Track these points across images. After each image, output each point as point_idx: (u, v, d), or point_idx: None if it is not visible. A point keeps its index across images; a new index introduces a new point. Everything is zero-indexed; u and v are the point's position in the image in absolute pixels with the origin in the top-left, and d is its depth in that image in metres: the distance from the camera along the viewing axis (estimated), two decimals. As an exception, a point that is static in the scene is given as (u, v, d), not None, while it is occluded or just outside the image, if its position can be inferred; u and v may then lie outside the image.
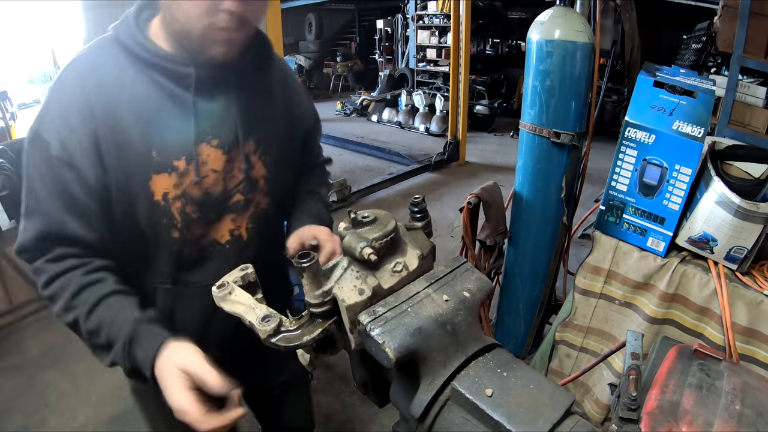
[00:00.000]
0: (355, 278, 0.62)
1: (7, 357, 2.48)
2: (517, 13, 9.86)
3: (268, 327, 0.60)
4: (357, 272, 0.62)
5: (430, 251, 0.71)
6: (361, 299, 0.60)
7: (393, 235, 0.65)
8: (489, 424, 0.53)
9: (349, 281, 0.61)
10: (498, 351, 0.62)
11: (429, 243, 0.73)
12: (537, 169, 1.84)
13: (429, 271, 0.69)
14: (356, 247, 0.62)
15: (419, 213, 0.76)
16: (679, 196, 1.32)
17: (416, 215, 0.76)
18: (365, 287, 0.61)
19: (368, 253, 0.60)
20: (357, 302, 0.60)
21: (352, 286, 0.61)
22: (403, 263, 0.66)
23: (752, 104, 2.50)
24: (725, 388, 0.71)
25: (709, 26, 3.46)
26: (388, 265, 0.65)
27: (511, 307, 2.17)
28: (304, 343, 0.60)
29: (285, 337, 0.61)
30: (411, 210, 0.76)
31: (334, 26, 13.05)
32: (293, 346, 0.60)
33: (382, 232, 0.64)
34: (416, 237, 0.72)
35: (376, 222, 0.67)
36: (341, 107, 9.11)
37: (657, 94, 1.36)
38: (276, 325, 0.61)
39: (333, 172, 5.82)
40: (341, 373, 2.32)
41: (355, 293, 0.60)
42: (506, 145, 6.76)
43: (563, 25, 1.64)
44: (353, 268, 0.63)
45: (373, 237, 0.63)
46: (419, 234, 0.73)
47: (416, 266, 0.66)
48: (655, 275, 1.40)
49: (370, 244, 0.62)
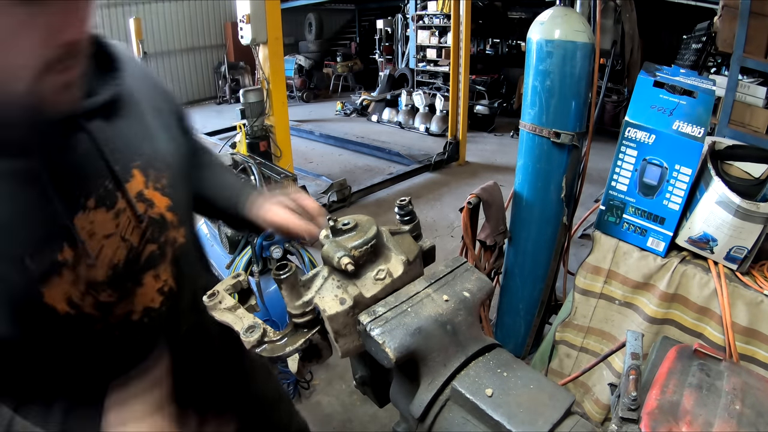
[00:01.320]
0: (336, 287, 0.61)
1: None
2: (517, 13, 9.86)
3: (252, 338, 0.61)
4: (338, 281, 0.62)
5: (417, 256, 0.69)
6: (343, 309, 0.60)
7: (374, 242, 0.64)
8: (489, 424, 0.53)
9: (329, 291, 0.61)
10: (498, 351, 0.62)
11: (416, 247, 0.71)
12: (537, 169, 1.84)
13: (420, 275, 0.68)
14: (334, 256, 0.61)
15: (406, 216, 0.74)
16: (679, 196, 1.32)
17: (403, 218, 0.75)
18: (346, 296, 0.60)
19: (345, 263, 0.60)
20: (338, 312, 0.59)
21: (333, 296, 0.61)
22: (387, 270, 0.64)
23: (752, 104, 2.50)
24: (725, 388, 0.71)
25: (709, 26, 3.46)
26: (370, 272, 0.64)
27: (511, 307, 2.17)
28: (287, 354, 0.60)
29: (268, 348, 0.61)
30: (397, 213, 0.75)
31: (334, 26, 13.05)
32: (276, 356, 0.60)
33: (362, 240, 0.63)
34: (402, 242, 0.70)
35: (357, 229, 0.66)
36: (341, 107, 9.12)
37: (657, 94, 1.36)
38: (260, 335, 0.61)
39: (333, 172, 5.81)
40: (341, 373, 2.32)
41: (336, 303, 0.60)
42: (506, 145, 6.76)
43: (563, 25, 1.64)
44: (334, 278, 0.62)
45: (352, 245, 0.62)
46: (406, 238, 0.72)
47: (401, 272, 0.65)
48: (655, 275, 1.40)
49: (348, 253, 0.61)
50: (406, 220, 0.75)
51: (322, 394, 2.22)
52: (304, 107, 9.84)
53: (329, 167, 5.78)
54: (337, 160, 6.21)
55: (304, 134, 7.38)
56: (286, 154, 4.22)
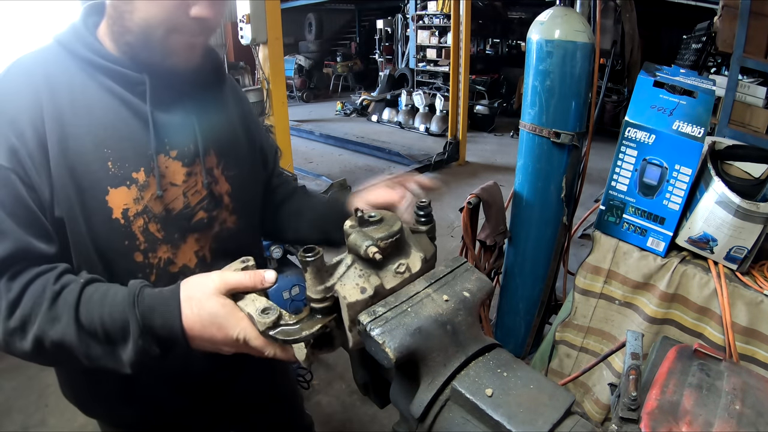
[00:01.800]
0: (358, 276, 0.62)
1: (7, 357, 2.47)
2: (517, 13, 9.87)
3: (267, 319, 0.60)
4: (360, 270, 0.62)
5: (432, 255, 0.71)
6: (363, 297, 0.60)
7: (398, 236, 0.65)
8: (489, 424, 0.53)
9: (351, 279, 0.61)
10: (498, 351, 0.62)
11: (432, 247, 0.72)
12: (537, 169, 1.84)
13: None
14: (361, 245, 0.62)
15: (425, 217, 0.75)
16: (679, 196, 1.32)
17: (421, 219, 0.75)
18: (367, 286, 0.61)
19: (373, 252, 0.60)
20: (358, 300, 0.60)
21: (354, 284, 0.61)
22: (407, 265, 0.65)
23: (752, 104, 2.50)
24: (725, 388, 0.71)
25: (709, 26, 3.46)
26: (392, 265, 0.65)
27: (511, 307, 2.17)
28: (303, 338, 0.60)
29: (283, 331, 0.60)
30: (416, 213, 0.76)
31: (334, 26, 13.05)
32: (291, 339, 0.60)
33: (387, 232, 0.64)
34: (420, 240, 0.72)
35: (383, 222, 0.66)
36: (341, 107, 9.12)
37: (657, 94, 1.36)
38: (275, 318, 0.60)
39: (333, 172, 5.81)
40: (341, 373, 2.32)
41: (357, 291, 0.60)
42: (506, 145, 6.76)
43: (563, 25, 1.64)
44: (357, 266, 0.63)
45: (379, 237, 0.63)
46: (423, 238, 0.73)
47: (419, 269, 0.66)
48: (655, 275, 1.40)
49: (375, 243, 0.62)
50: (424, 221, 0.75)
51: (322, 394, 2.22)
52: (304, 107, 9.84)
53: (329, 167, 5.79)
54: (337, 160, 6.21)
55: (304, 134, 7.38)
56: (286, 153, 4.22)
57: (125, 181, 0.70)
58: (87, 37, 0.71)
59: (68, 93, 0.68)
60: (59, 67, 0.70)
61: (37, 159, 0.65)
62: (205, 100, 0.81)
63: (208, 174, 0.80)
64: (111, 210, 0.70)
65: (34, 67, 0.69)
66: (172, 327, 0.60)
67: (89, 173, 0.68)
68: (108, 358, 0.62)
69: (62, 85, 0.68)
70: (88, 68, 0.70)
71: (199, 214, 0.80)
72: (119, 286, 0.65)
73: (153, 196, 0.73)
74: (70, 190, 0.67)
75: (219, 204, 0.82)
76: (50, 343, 0.61)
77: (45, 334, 0.61)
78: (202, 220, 0.80)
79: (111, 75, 0.70)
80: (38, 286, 0.63)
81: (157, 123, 0.73)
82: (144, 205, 0.72)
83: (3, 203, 0.63)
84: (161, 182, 0.73)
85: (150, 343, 0.61)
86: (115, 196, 0.70)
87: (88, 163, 0.68)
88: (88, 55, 0.70)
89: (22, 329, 0.61)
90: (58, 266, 0.66)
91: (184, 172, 0.77)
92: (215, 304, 0.60)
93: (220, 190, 0.83)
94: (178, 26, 0.67)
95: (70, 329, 0.61)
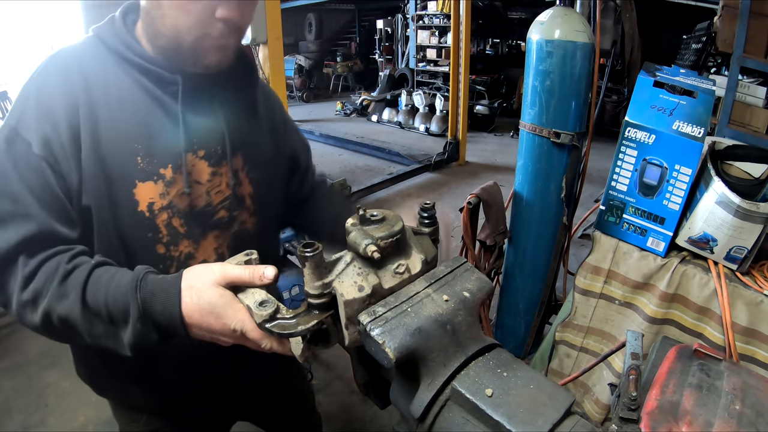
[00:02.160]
0: (356, 274, 0.62)
1: (7, 357, 2.48)
2: (517, 13, 9.87)
3: (264, 312, 0.60)
4: (359, 269, 0.62)
5: (434, 258, 0.71)
6: (360, 296, 0.60)
7: (399, 237, 0.65)
8: (489, 424, 0.53)
9: (350, 276, 0.61)
10: (498, 351, 0.62)
11: (434, 249, 0.72)
12: (537, 169, 1.84)
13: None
14: (361, 243, 0.62)
15: (428, 219, 0.75)
16: (679, 196, 1.32)
17: (425, 220, 0.75)
18: (365, 284, 0.61)
19: (372, 251, 0.60)
20: (355, 298, 0.60)
21: (352, 282, 0.61)
22: (406, 266, 0.65)
23: (752, 104, 2.50)
24: (725, 388, 0.71)
25: (709, 26, 3.46)
26: (391, 265, 0.65)
27: (511, 307, 2.17)
28: (299, 332, 0.60)
29: (280, 324, 0.61)
30: (420, 215, 0.76)
31: (334, 26, 13.06)
32: (287, 333, 0.60)
33: (388, 231, 0.64)
34: (422, 242, 0.71)
35: (384, 221, 0.66)
36: (341, 107, 9.12)
37: (657, 94, 1.36)
38: (272, 311, 0.61)
39: (333, 172, 5.83)
40: (341, 373, 2.32)
41: (355, 289, 0.60)
42: (506, 145, 6.76)
43: (563, 25, 1.64)
44: (356, 264, 0.63)
45: (379, 236, 0.63)
46: (425, 239, 0.73)
47: (419, 270, 0.66)
48: (655, 275, 1.40)
49: (375, 242, 0.62)
50: (427, 223, 0.75)
51: (322, 394, 2.22)
52: (304, 107, 9.84)
53: (329, 167, 5.79)
54: (337, 160, 6.21)
55: (304, 134, 7.37)
56: (286, 154, 4.22)
57: (153, 176, 0.73)
58: (124, 34, 0.73)
59: (103, 87, 0.71)
60: (96, 61, 0.73)
61: (68, 149, 0.68)
62: (236, 102, 0.83)
63: (234, 175, 0.83)
64: (137, 203, 0.73)
65: (71, 60, 0.72)
66: (171, 314, 0.61)
67: (119, 166, 0.71)
68: (109, 338, 0.65)
69: (98, 79, 0.71)
70: (123, 64, 0.73)
71: (220, 213, 0.83)
72: (127, 270, 0.66)
73: (179, 192, 0.76)
74: (99, 181, 0.70)
75: (241, 204, 0.86)
76: (57, 318, 0.64)
77: (53, 309, 0.64)
78: (223, 218, 0.83)
79: (145, 73, 0.73)
80: (53, 264, 0.66)
81: (187, 123, 0.76)
82: (169, 201, 0.75)
83: (32, 188, 0.67)
84: (188, 180, 0.76)
85: (149, 328, 0.63)
86: (142, 190, 0.73)
87: (118, 156, 0.71)
88: (125, 52, 0.72)
89: (33, 302, 0.64)
90: (75, 248, 0.69)
91: (209, 172, 0.80)
92: (214, 294, 0.61)
93: (243, 191, 0.86)
94: (206, 29, 0.69)
95: (76, 306, 0.63)
